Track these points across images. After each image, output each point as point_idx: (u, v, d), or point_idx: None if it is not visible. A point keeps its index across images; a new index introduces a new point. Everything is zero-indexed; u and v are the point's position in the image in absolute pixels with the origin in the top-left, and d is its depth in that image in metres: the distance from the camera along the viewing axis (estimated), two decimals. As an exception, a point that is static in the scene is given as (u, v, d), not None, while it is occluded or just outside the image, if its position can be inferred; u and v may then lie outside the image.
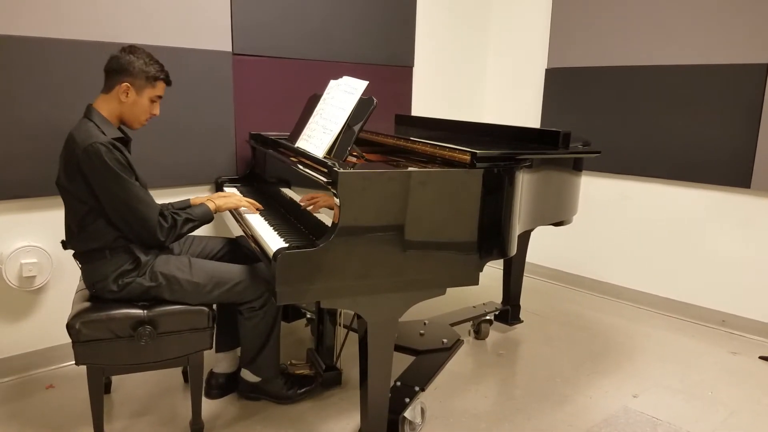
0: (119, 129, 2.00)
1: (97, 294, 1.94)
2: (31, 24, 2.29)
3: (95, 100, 1.98)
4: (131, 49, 1.96)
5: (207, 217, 2.08)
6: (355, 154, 2.26)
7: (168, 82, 2.03)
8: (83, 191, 1.86)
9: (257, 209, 2.27)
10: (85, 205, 1.87)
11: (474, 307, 3.06)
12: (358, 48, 3.33)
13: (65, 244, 2.00)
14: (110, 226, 1.90)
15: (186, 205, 2.24)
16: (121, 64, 1.93)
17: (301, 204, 2.11)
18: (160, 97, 2.02)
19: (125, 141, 1.97)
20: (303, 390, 2.31)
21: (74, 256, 1.99)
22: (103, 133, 1.86)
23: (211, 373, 2.34)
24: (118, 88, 1.93)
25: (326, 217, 1.87)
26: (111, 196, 1.85)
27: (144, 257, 1.93)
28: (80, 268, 2.00)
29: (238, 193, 2.44)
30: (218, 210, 2.15)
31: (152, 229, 1.90)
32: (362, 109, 2.02)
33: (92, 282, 1.94)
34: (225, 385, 2.33)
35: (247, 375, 2.25)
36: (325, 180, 1.77)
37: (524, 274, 3.13)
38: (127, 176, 1.86)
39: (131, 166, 1.90)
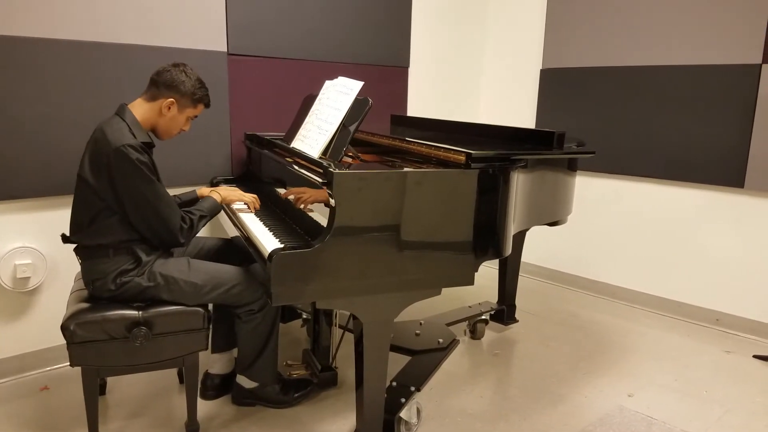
0: (148, 134, 2.01)
1: (95, 292, 1.94)
2: (27, 24, 2.28)
3: (134, 101, 1.99)
4: (183, 67, 2.00)
5: (216, 210, 2.13)
6: (350, 154, 2.26)
7: (208, 106, 2.10)
8: (105, 188, 1.87)
9: (256, 208, 2.28)
10: (103, 202, 1.88)
11: (470, 306, 3.07)
12: (354, 48, 3.34)
13: (67, 238, 1.99)
14: (121, 225, 1.90)
15: (192, 198, 2.28)
16: (174, 81, 1.96)
17: (288, 197, 2.11)
18: (196, 116, 2.08)
19: (151, 145, 1.99)
20: (299, 394, 2.30)
21: (75, 250, 1.99)
22: (134, 136, 1.88)
23: (207, 374, 2.34)
24: (162, 102, 1.97)
25: (322, 218, 1.87)
26: (139, 197, 1.87)
27: (145, 258, 1.93)
28: (80, 264, 1.99)
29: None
30: (224, 201, 2.20)
31: (174, 231, 1.93)
32: (358, 109, 2.03)
33: (91, 279, 1.94)
34: (220, 386, 2.33)
35: (243, 381, 2.23)
36: (320, 180, 1.77)
37: (519, 273, 3.14)
38: (156, 179, 1.89)
39: (156, 169, 1.93)
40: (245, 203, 2.27)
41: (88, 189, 1.89)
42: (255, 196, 2.29)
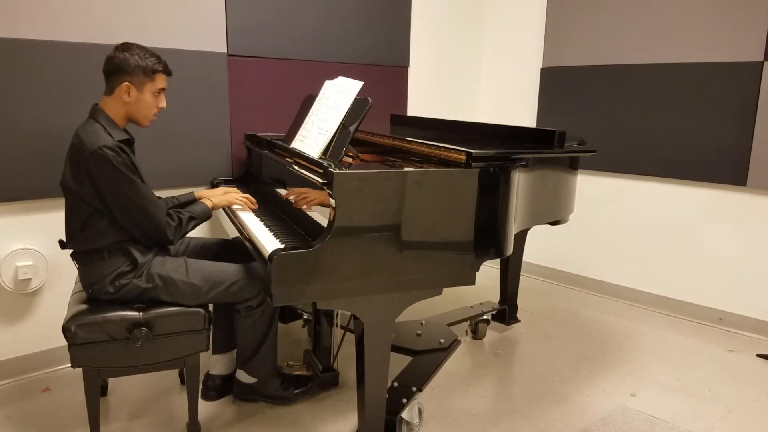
0: (125, 130, 2.00)
1: (94, 295, 1.94)
2: (25, 27, 2.28)
3: (101, 100, 1.97)
4: (124, 46, 1.93)
5: (206, 215, 2.11)
6: (350, 154, 2.26)
7: (168, 73, 2.01)
8: (89, 193, 1.86)
9: (252, 207, 2.28)
10: (90, 206, 1.88)
11: (471, 306, 3.06)
12: (354, 48, 3.33)
13: (64, 244, 1.99)
14: (112, 227, 1.90)
15: (190, 199, 2.28)
16: (117, 64, 1.91)
17: (289, 198, 2.11)
18: (163, 89, 2.00)
19: (130, 142, 1.98)
20: (299, 390, 2.30)
21: (72, 256, 1.99)
22: (110, 135, 1.86)
23: (208, 375, 2.34)
24: (119, 89, 1.92)
25: (322, 218, 1.87)
26: (122, 198, 1.85)
27: (141, 259, 1.93)
28: (77, 269, 1.99)
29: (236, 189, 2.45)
30: (215, 207, 2.18)
31: (162, 229, 1.92)
32: (357, 109, 2.02)
33: (89, 283, 1.94)
34: (222, 387, 2.33)
35: (242, 376, 2.24)
36: (320, 181, 1.77)
37: (521, 273, 3.14)
38: (136, 178, 1.87)
39: (136, 167, 1.91)
40: (239, 205, 2.27)
41: (74, 196, 1.89)
42: (247, 195, 2.29)
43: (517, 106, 4.01)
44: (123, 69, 1.91)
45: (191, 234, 2.13)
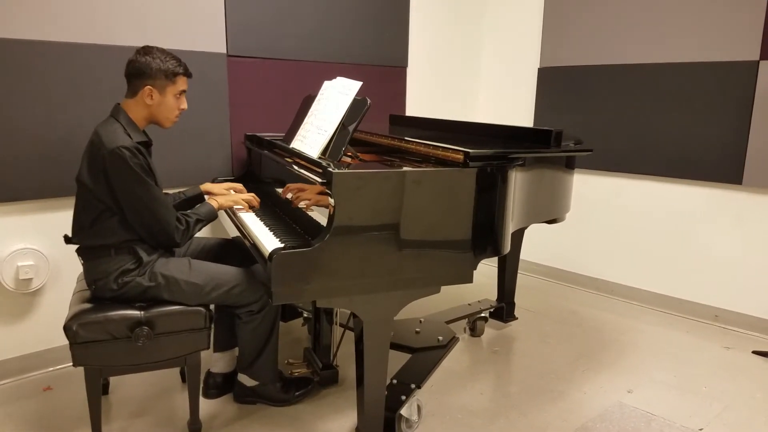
0: (144, 132, 2.02)
1: (97, 292, 1.96)
2: (25, 27, 2.29)
3: (123, 101, 1.99)
4: (146, 50, 1.96)
5: (212, 216, 2.13)
6: (349, 154, 2.27)
7: (188, 75, 2.04)
8: (103, 191, 1.88)
9: (253, 207, 2.29)
10: (103, 204, 1.90)
11: (469, 304, 3.08)
12: (352, 49, 3.35)
13: (69, 239, 2.01)
14: (121, 226, 1.92)
15: (196, 193, 2.32)
16: (138, 68, 1.94)
17: (287, 196, 2.12)
18: (184, 91, 2.03)
19: (147, 144, 2.00)
20: (300, 392, 2.31)
21: (77, 251, 2.01)
22: (129, 136, 1.89)
23: (209, 373, 2.35)
24: (142, 93, 1.95)
25: (321, 217, 1.88)
26: (134, 199, 1.88)
27: (146, 258, 1.95)
28: (82, 265, 2.01)
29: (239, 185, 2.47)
30: (221, 208, 2.19)
31: (171, 232, 1.94)
32: (356, 109, 2.04)
33: (93, 279, 1.96)
34: (222, 385, 2.34)
35: (244, 379, 2.25)
36: (320, 180, 1.79)
37: (519, 271, 3.15)
38: (150, 180, 1.89)
39: (152, 170, 1.93)
40: (240, 206, 2.29)
41: (88, 192, 1.90)
42: (252, 195, 2.31)
43: (514, 106, 4.02)
44: (145, 73, 1.94)
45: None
